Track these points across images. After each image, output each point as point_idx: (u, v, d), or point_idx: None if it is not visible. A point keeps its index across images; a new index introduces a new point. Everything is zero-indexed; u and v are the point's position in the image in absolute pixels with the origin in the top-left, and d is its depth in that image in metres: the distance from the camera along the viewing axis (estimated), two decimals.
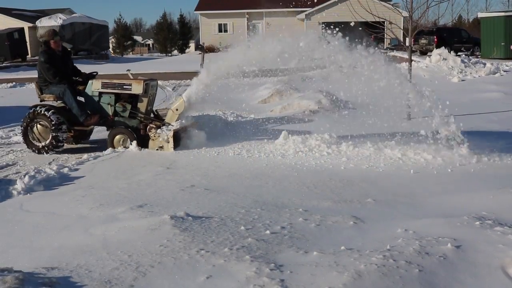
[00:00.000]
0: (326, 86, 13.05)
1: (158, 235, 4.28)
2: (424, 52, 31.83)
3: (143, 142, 8.16)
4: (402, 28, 12.13)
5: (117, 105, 8.43)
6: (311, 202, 5.33)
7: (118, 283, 3.49)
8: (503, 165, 6.74)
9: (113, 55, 52.28)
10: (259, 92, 14.76)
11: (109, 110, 8.47)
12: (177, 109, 8.35)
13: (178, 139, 8.08)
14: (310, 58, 8.08)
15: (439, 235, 3.97)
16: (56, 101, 8.69)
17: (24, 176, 6.55)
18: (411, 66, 11.22)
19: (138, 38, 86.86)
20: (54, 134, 8.33)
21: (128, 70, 9.52)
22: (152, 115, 8.75)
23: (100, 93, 8.52)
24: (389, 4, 23.05)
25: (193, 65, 28.54)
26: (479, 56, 31.16)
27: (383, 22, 11.55)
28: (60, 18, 40.33)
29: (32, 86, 22.09)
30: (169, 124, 8.22)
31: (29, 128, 8.51)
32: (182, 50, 62.89)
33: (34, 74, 11.04)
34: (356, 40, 7.69)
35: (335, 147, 7.63)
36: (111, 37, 62.88)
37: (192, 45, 65.51)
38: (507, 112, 11.29)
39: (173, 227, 4.40)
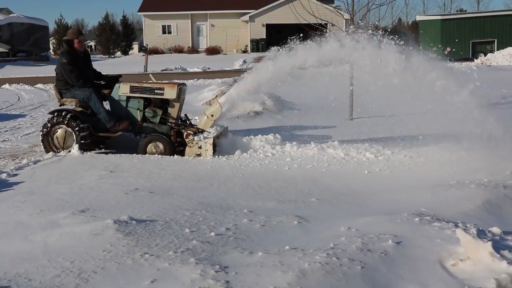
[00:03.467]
0: (270, 87, 13.11)
1: (101, 240, 4.20)
2: None
3: (173, 149, 7.82)
4: (344, 30, 12.33)
5: (147, 110, 8.01)
6: (255, 203, 5.36)
7: None
8: (436, 162, 6.91)
9: (53, 56, 50.89)
10: (203, 94, 14.70)
11: (138, 116, 8.06)
12: (212, 115, 7.95)
13: (215, 146, 7.72)
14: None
15: (381, 232, 4.07)
16: (77, 106, 8.14)
17: None
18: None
19: None
20: (78, 140, 7.88)
21: (151, 72, 9.19)
22: (179, 121, 8.29)
23: (128, 98, 8.11)
24: (331, 6, 23.49)
25: (137, 67, 28.26)
26: None
27: (326, 24, 11.76)
28: None
29: None
30: (204, 130, 7.83)
31: (50, 134, 8.04)
32: (125, 52, 61.96)
33: None
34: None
35: (279, 148, 7.70)
36: (52, 38, 61.27)
37: (135, 46, 64.69)
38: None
39: (117, 231, 4.33)
